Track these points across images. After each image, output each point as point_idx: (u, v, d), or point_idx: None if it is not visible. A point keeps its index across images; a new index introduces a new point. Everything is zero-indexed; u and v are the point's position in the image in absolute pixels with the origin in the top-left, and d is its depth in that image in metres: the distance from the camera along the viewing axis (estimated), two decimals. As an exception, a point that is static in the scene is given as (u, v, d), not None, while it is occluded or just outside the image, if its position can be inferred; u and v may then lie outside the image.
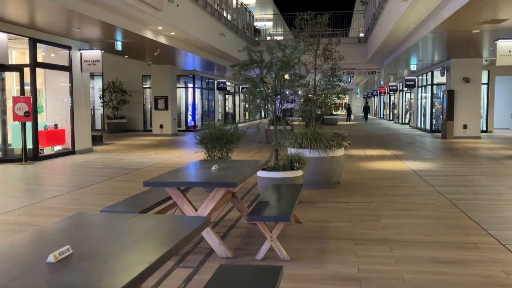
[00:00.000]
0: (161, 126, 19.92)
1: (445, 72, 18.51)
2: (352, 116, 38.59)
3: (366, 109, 37.63)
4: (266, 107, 6.83)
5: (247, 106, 28.00)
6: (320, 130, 7.91)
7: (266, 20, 33.92)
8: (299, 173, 6.55)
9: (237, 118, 34.03)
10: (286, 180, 6.41)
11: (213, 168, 4.77)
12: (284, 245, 4.39)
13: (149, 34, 12.32)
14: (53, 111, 12.68)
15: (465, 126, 17.96)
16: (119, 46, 12.96)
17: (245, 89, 29.54)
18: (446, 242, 4.66)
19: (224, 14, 18.76)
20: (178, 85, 23.76)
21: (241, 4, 23.41)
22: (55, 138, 12.32)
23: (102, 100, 23.26)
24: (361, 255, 4.30)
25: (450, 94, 17.99)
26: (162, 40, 13.20)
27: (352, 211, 6.07)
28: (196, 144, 7.69)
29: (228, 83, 28.76)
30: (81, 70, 12.95)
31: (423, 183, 8.04)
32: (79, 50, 12.89)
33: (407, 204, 6.44)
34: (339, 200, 6.80)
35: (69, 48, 12.59)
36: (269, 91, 6.59)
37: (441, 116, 21.20)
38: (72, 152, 12.68)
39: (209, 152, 7.64)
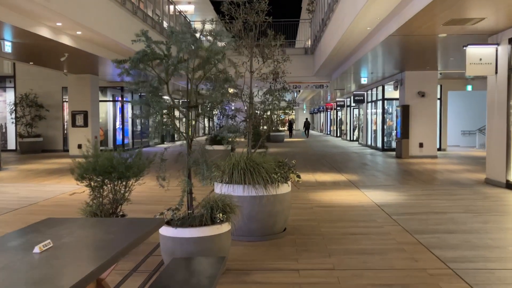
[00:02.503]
0: (79, 146, 16.99)
1: (399, 85, 17.00)
2: (294, 132, 39.51)
3: (307, 125, 38.41)
4: (175, 127, 4.54)
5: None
6: (259, 157, 5.69)
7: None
8: (224, 228, 4.25)
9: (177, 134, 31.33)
10: (203, 242, 4.10)
11: (36, 249, 2.39)
12: None
13: (44, 32, 9.68)
14: None
15: (421, 145, 16.44)
16: (7, 47, 10.21)
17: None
18: None
19: (156, 19, 16.35)
20: (104, 99, 21.00)
21: (179, 12, 21.11)
22: None
23: (13, 116, 20.05)
24: None
25: (405, 110, 16.46)
26: (65, 40, 10.57)
27: (305, 290, 3.84)
28: (76, 180, 5.22)
29: (166, 97, 26.10)
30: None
31: (397, 228, 5.97)
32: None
33: (387, 273, 4.28)
34: (285, 264, 4.56)
35: None
36: (177, 102, 4.31)
37: (393, 133, 19.76)
38: None
39: (94, 192, 5.20)
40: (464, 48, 9.67)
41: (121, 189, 5.31)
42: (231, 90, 5.50)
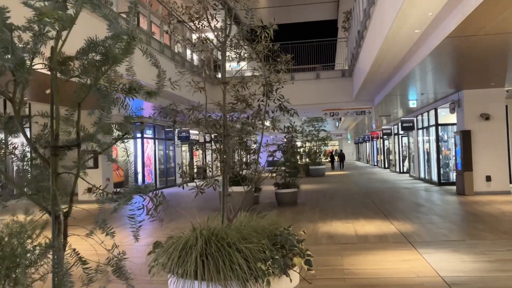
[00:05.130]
0: (89, 190, 15.16)
1: (456, 107, 14.18)
2: (335, 164, 38.18)
3: (342, 157, 37.68)
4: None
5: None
6: (240, 226, 3.30)
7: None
8: None
9: (209, 172, 29.32)
10: None
11: None
12: None
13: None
14: None
15: (488, 178, 13.41)
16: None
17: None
18: None
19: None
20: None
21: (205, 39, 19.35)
22: None
23: (28, 159, 18.66)
24: None
25: (466, 136, 13.56)
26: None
27: None
28: None
29: (193, 132, 24.24)
30: None
31: None
32: None
33: None
34: None
35: None
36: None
37: (450, 164, 16.77)
38: None
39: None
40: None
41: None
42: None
